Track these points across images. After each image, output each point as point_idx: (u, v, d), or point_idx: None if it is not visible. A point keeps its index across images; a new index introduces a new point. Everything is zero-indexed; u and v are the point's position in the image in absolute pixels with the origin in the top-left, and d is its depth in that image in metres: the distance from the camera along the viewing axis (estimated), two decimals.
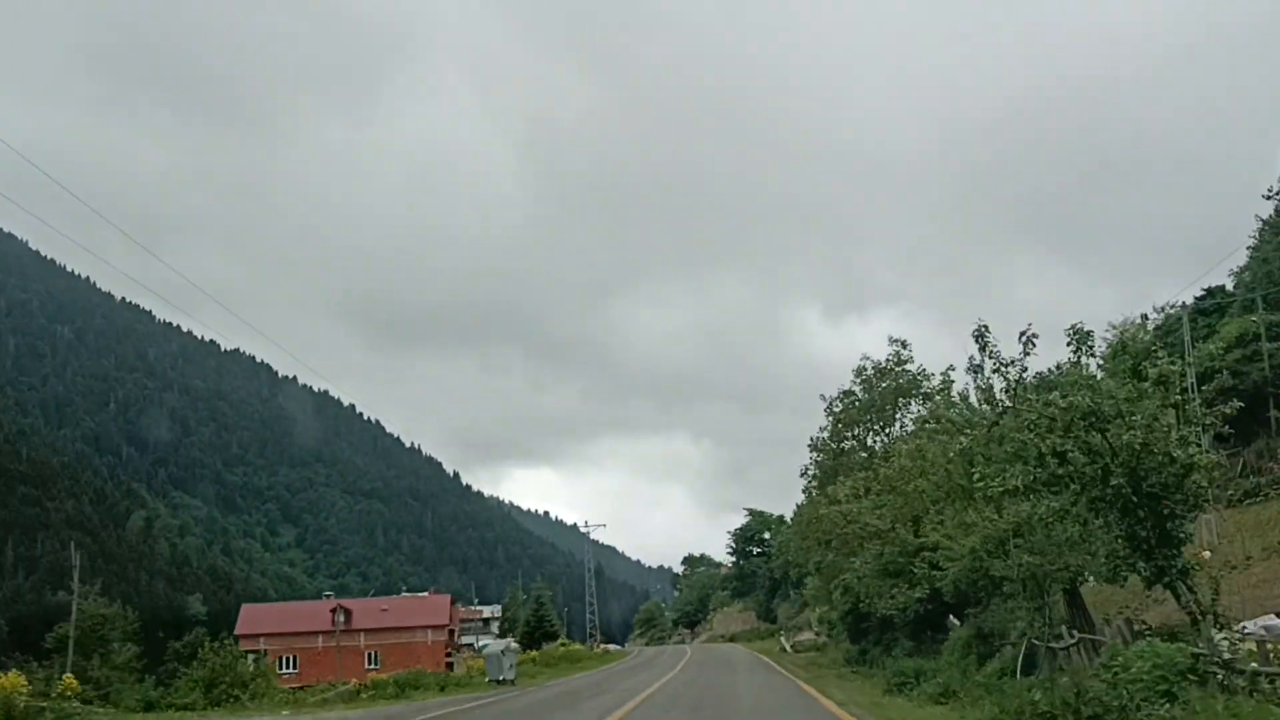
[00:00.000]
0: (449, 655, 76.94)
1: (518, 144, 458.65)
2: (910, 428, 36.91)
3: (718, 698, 26.72)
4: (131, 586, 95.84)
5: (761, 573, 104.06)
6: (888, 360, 40.72)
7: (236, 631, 67.55)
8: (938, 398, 33.13)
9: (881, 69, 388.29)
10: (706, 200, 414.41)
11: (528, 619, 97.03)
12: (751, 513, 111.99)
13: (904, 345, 40.94)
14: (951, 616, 30.37)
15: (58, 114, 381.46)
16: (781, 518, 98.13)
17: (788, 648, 67.81)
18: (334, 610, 73.74)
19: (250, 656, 45.40)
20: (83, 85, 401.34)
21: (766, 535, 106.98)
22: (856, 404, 42.06)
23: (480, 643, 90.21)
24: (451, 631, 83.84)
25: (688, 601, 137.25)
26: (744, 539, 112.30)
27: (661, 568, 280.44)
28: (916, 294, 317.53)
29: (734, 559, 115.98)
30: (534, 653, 70.00)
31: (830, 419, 43.22)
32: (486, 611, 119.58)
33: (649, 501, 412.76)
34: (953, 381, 32.45)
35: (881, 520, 30.18)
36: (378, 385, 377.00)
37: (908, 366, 40.21)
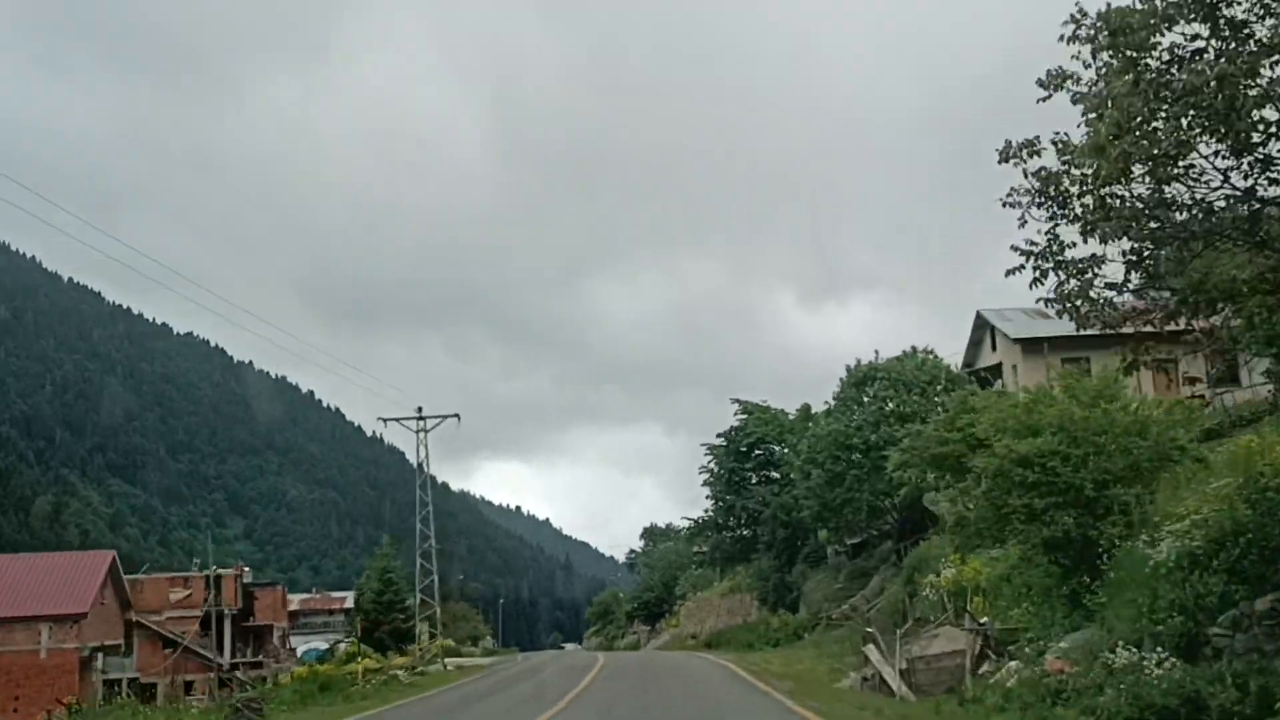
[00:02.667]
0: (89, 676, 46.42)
1: (485, 109, 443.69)
2: None
3: None
4: None
5: (769, 519, 56.64)
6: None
7: None
8: None
9: (862, 25, 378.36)
10: (680, 173, 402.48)
11: (368, 607, 70.40)
12: (748, 409, 61.84)
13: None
14: None
15: None
16: (809, 412, 57.62)
17: (905, 691, 18.97)
18: None
19: None
20: (12, 41, 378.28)
21: (777, 449, 60.42)
22: None
23: (305, 647, 74.62)
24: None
25: (648, 587, 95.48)
26: (732, 459, 61.61)
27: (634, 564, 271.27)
28: (897, 276, 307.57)
29: (714, 501, 64.00)
30: (324, 666, 48.58)
31: None
32: (348, 600, 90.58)
33: (623, 494, 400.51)
34: None
35: None
36: (337, 370, 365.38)
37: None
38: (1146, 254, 11.96)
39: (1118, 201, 11.28)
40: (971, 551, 23.64)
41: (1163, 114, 10.41)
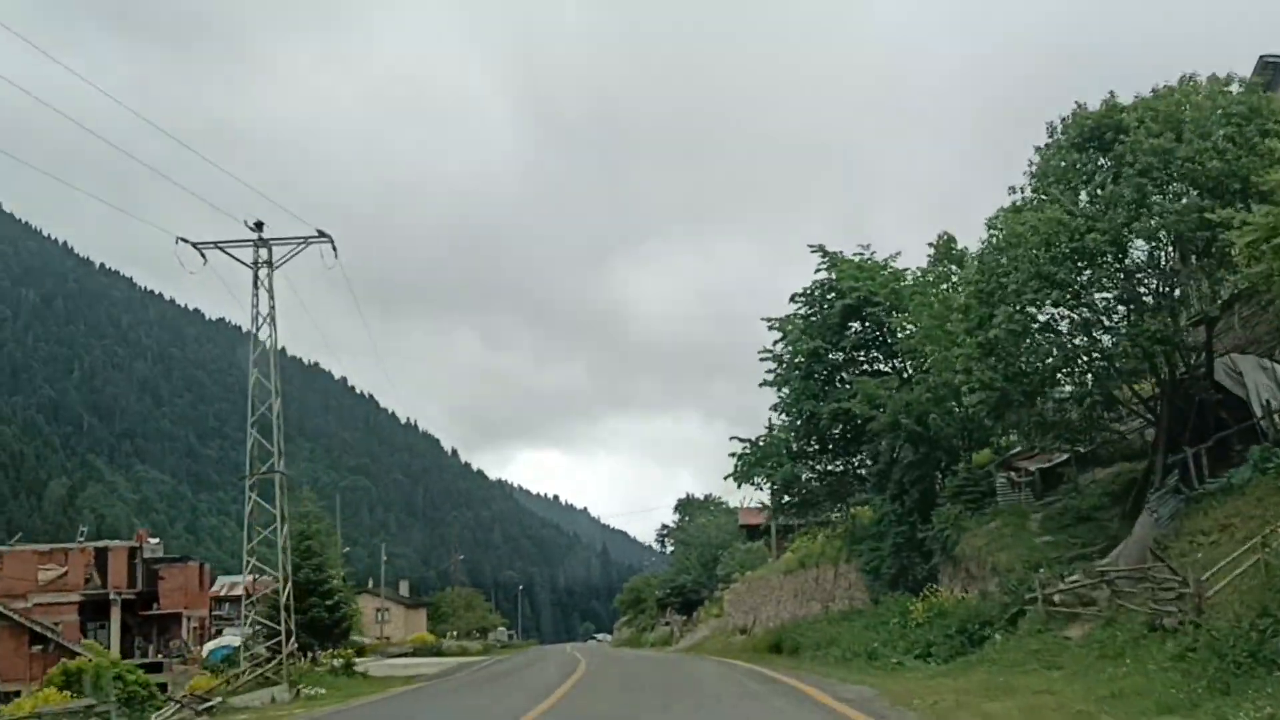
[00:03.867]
0: None
1: (509, 81, 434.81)
2: None
3: None
4: None
5: (883, 430, 32.60)
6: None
7: None
8: None
9: None
10: (711, 145, 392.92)
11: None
12: (834, 260, 37.84)
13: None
14: None
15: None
16: (949, 248, 31.86)
17: None
18: None
19: None
20: (19, 16, 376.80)
21: (887, 320, 35.50)
22: None
23: (214, 646, 48.88)
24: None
25: (682, 568, 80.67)
26: (816, 336, 37.07)
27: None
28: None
29: (785, 415, 38.96)
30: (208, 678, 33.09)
31: None
32: None
33: (660, 484, 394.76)
34: None
35: None
36: (371, 357, 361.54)
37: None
38: None
39: None
40: None
41: None
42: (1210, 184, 19.29)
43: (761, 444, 38.88)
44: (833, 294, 36.91)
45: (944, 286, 29.81)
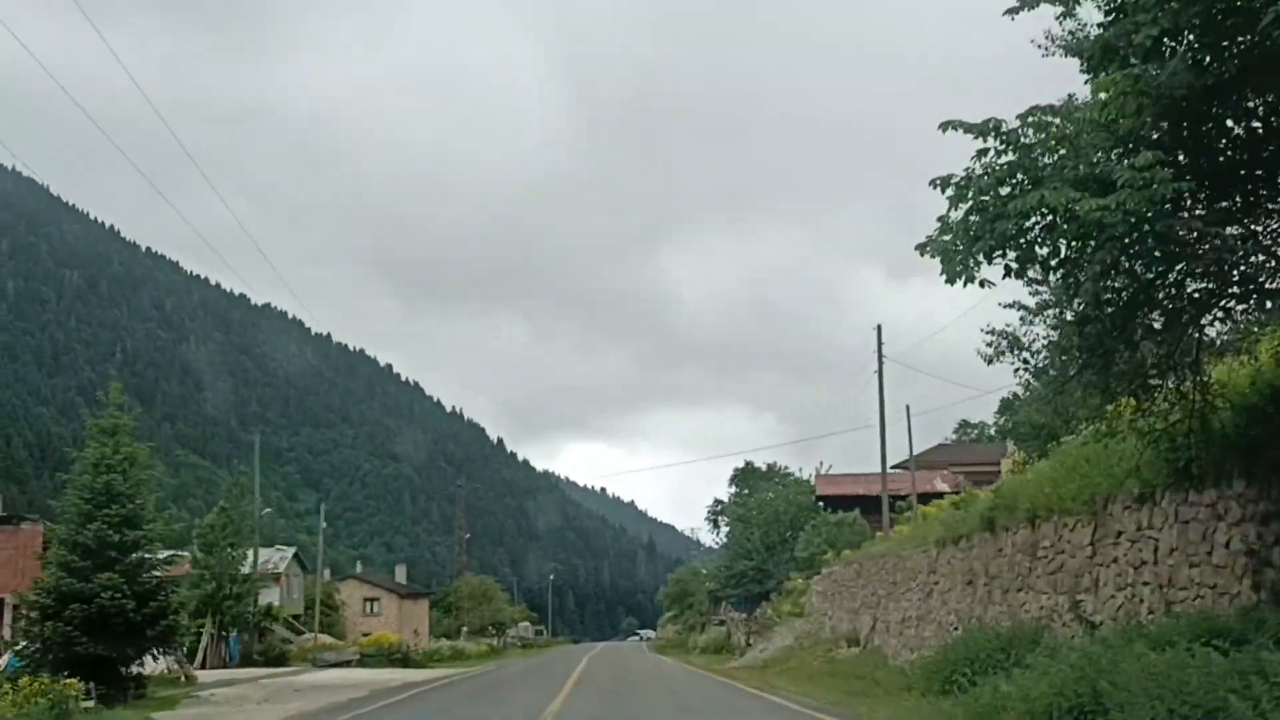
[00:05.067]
0: None
1: (547, 61, 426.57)
2: None
3: None
4: None
5: None
6: None
7: None
8: None
9: None
10: (754, 129, 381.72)
11: (61, 561, 25.59)
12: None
13: None
14: None
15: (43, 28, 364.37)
16: None
17: None
18: None
19: None
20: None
21: None
22: None
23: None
24: None
25: (742, 552, 64.12)
26: None
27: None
28: None
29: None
30: None
31: None
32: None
33: (708, 478, 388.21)
34: None
35: None
36: (419, 347, 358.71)
37: None
38: None
39: None
40: None
41: None
42: None
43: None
44: None
45: None
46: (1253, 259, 11.21)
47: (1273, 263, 11.27)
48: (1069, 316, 14.61)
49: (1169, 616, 12.66)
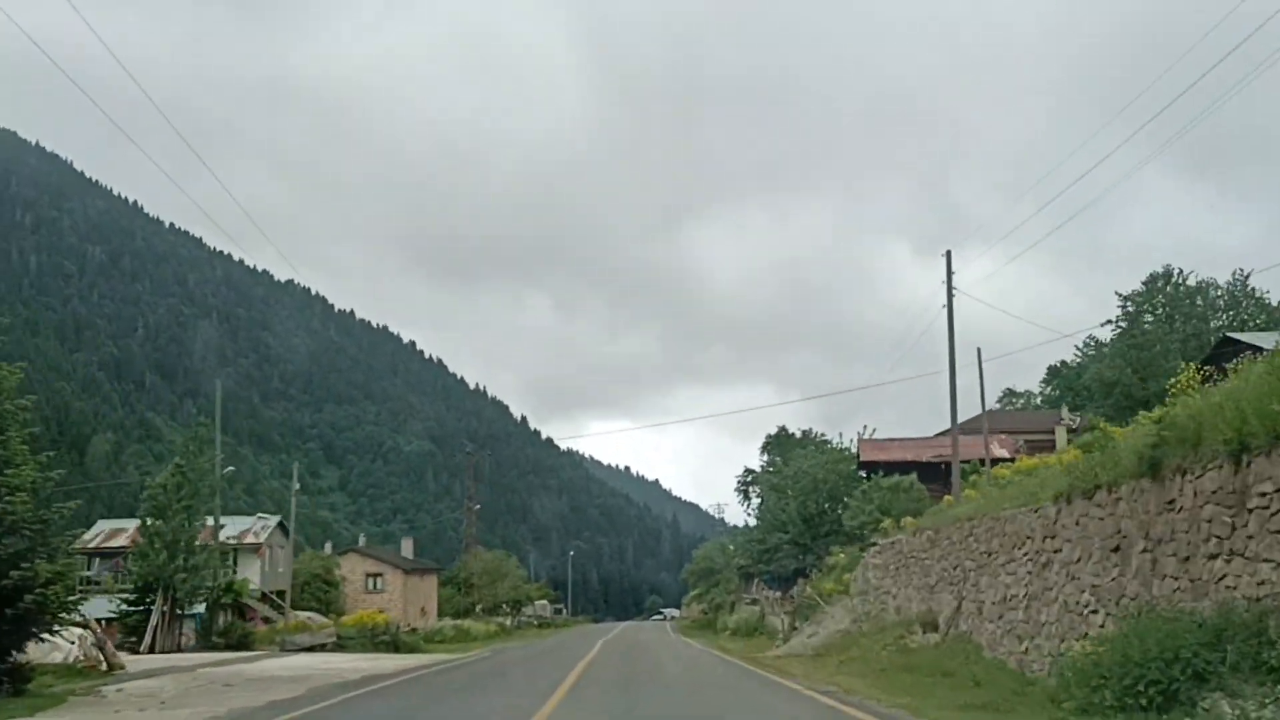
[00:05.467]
0: None
1: (578, 31, 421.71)
2: None
3: None
4: None
5: None
6: None
7: None
8: None
9: None
10: (787, 102, 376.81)
11: None
12: None
13: None
14: None
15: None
16: None
17: None
18: None
19: None
20: None
21: None
22: None
23: None
24: None
25: (775, 525, 58.56)
26: None
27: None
28: (1026, 226, 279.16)
29: None
30: None
31: None
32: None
33: (733, 458, 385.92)
34: None
35: None
36: (442, 324, 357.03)
37: None
38: None
39: None
40: None
41: None
42: None
43: None
44: None
45: None
46: None
47: None
48: None
49: None
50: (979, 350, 46.21)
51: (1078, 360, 68.34)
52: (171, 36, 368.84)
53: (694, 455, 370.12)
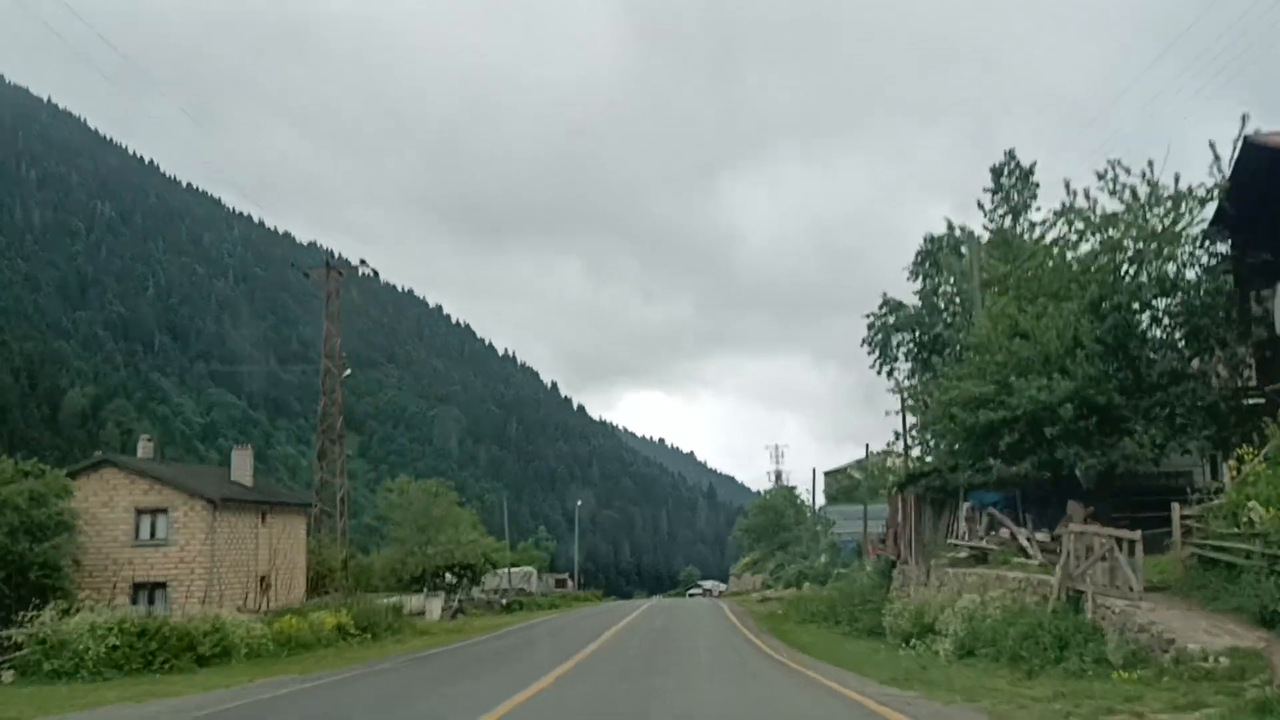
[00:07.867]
0: None
1: None
2: None
3: None
4: None
5: None
6: None
7: None
8: None
9: None
10: (828, 49, 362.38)
11: None
12: None
13: None
14: None
15: None
16: None
17: None
18: None
19: None
20: None
21: None
22: None
23: None
24: None
25: (1021, 362, 25.37)
26: None
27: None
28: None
29: None
30: None
31: None
32: None
33: (768, 429, 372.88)
34: None
35: None
36: (471, 288, 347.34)
37: None
38: None
39: None
40: None
41: None
42: None
43: None
44: None
45: None
46: None
47: None
48: None
49: None
50: None
51: None
52: None
53: (730, 426, 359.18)
